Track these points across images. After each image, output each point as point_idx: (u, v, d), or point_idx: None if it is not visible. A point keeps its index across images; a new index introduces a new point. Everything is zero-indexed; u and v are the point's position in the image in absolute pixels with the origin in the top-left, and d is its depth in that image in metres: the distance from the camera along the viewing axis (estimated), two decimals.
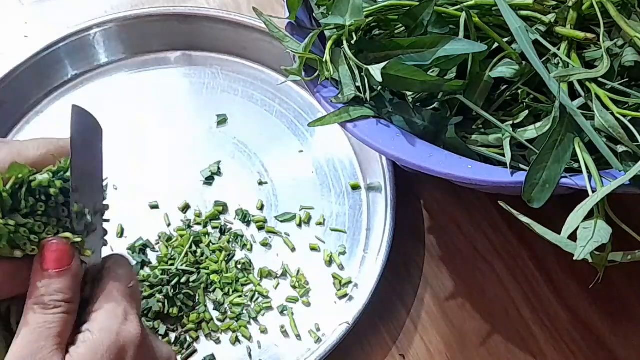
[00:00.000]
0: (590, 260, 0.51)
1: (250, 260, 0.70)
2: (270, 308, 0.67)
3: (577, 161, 0.54)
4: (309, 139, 0.76)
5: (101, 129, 0.53)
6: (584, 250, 0.50)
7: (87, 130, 0.52)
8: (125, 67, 0.81)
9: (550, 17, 0.58)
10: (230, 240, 0.70)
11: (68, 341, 0.48)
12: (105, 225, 0.54)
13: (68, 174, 0.50)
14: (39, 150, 0.51)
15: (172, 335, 0.66)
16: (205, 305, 0.67)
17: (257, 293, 0.68)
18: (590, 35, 0.57)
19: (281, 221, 0.72)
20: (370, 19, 0.61)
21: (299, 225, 0.71)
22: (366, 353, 0.66)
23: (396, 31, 0.62)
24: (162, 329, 0.66)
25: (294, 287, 0.68)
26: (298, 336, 0.66)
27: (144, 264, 0.69)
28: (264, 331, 0.67)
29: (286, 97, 0.78)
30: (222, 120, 0.77)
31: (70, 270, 0.49)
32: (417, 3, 0.58)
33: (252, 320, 0.67)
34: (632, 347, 0.66)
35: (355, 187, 0.73)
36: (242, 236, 0.71)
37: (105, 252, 0.53)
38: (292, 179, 0.74)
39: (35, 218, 0.49)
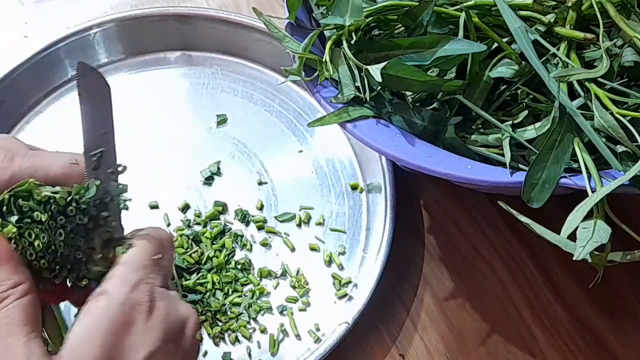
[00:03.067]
0: (589, 260, 0.51)
1: (249, 260, 0.70)
2: (269, 308, 0.68)
3: (577, 161, 0.54)
4: (308, 139, 0.76)
5: (109, 87, 0.52)
6: (584, 250, 0.50)
7: (94, 88, 0.52)
8: (125, 67, 0.81)
9: (550, 17, 0.58)
10: (230, 240, 0.70)
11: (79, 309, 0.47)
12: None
13: (83, 198, 0.50)
14: (62, 169, 0.50)
15: None
16: (205, 305, 0.67)
17: (257, 293, 0.68)
18: (589, 36, 0.57)
19: (281, 221, 0.72)
20: (370, 19, 0.61)
21: (299, 225, 0.71)
22: (366, 353, 0.66)
23: (396, 31, 0.62)
24: None
25: (294, 287, 0.68)
26: (298, 336, 0.66)
27: None
28: (263, 331, 0.67)
29: (286, 97, 0.78)
30: (221, 121, 0.77)
31: (1, 257, 0.46)
32: (417, 3, 0.58)
33: (252, 320, 0.67)
34: (631, 346, 0.66)
35: (355, 187, 0.73)
36: (241, 236, 0.71)
37: None
38: (292, 179, 0.74)
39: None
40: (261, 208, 0.72)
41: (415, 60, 0.57)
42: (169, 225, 0.71)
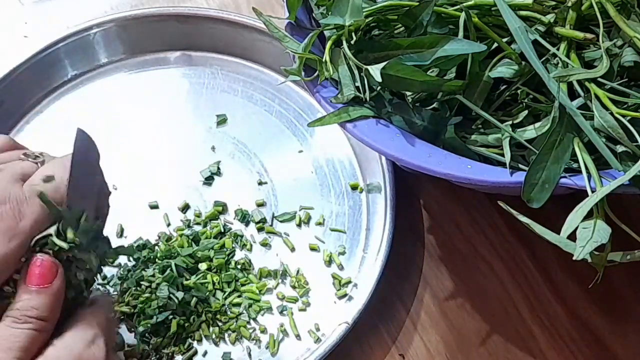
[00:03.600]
0: (589, 260, 0.51)
1: (249, 260, 0.70)
2: (269, 308, 0.67)
3: (577, 161, 0.54)
4: (308, 139, 0.76)
5: (99, 154, 0.55)
6: (584, 250, 0.50)
7: (88, 155, 0.53)
8: (125, 67, 0.81)
9: (550, 17, 0.58)
10: (230, 240, 0.70)
11: (35, 356, 0.49)
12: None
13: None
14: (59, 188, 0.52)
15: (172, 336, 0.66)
16: (205, 305, 0.67)
17: (257, 293, 0.68)
18: (589, 36, 0.57)
19: (281, 221, 0.72)
20: (370, 19, 0.61)
21: (299, 225, 0.71)
22: (366, 353, 0.66)
23: (396, 31, 0.62)
24: (161, 330, 0.66)
25: (294, 287, 0.68)
26: (298, 336, 0.66)
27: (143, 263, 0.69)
28: (263, 331, 0.67)
29: (286, 97, 0.78)
30: (221, 121, 0.77)
31: (50, 288, 0.49)
32: (417, 3, 0.58)
33: (252, 320, 0.67)
34: (631, 346, 0.66)
35: (355, 187, 0.73)
36: (241, 236, 0.71)
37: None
38: (292, 179, 0.74)
39: None
40: (261, 208, 0.72)
41: (415, 60, 0.57)
42: (169, 225, 0.71)
